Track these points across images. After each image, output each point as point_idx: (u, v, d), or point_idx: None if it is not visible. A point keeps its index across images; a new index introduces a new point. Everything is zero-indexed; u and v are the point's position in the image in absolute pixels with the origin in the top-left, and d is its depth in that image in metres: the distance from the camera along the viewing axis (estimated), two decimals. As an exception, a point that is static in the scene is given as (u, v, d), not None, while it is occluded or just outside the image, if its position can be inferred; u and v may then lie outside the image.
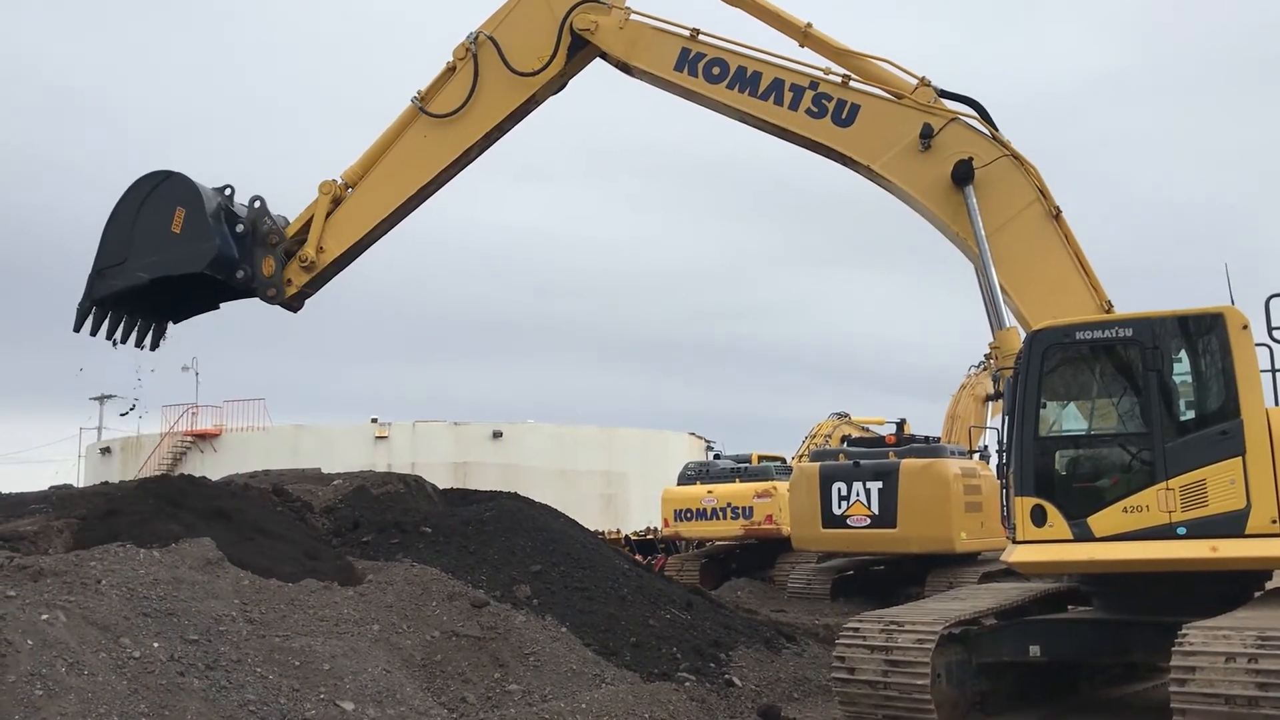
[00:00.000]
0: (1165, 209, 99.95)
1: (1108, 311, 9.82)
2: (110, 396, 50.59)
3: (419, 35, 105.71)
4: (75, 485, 15.37)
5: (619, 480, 40.84)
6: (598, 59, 12.22)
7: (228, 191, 12.38)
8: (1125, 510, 8.65)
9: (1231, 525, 8.33)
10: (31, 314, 77.39)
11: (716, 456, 28.93)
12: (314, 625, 9.24)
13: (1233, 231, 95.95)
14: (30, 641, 7.35)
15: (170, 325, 13.24)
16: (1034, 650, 9.19)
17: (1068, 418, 9.50)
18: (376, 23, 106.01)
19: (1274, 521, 8.23)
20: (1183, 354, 8.99)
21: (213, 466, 34.08)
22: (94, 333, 12.64)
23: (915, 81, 10.81)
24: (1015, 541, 9.05)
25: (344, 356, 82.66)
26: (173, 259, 12.04)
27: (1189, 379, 9.04)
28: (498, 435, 39.63)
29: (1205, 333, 8.79)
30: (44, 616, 7.78)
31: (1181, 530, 8.45)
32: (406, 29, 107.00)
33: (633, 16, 11.90)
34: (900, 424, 20.97)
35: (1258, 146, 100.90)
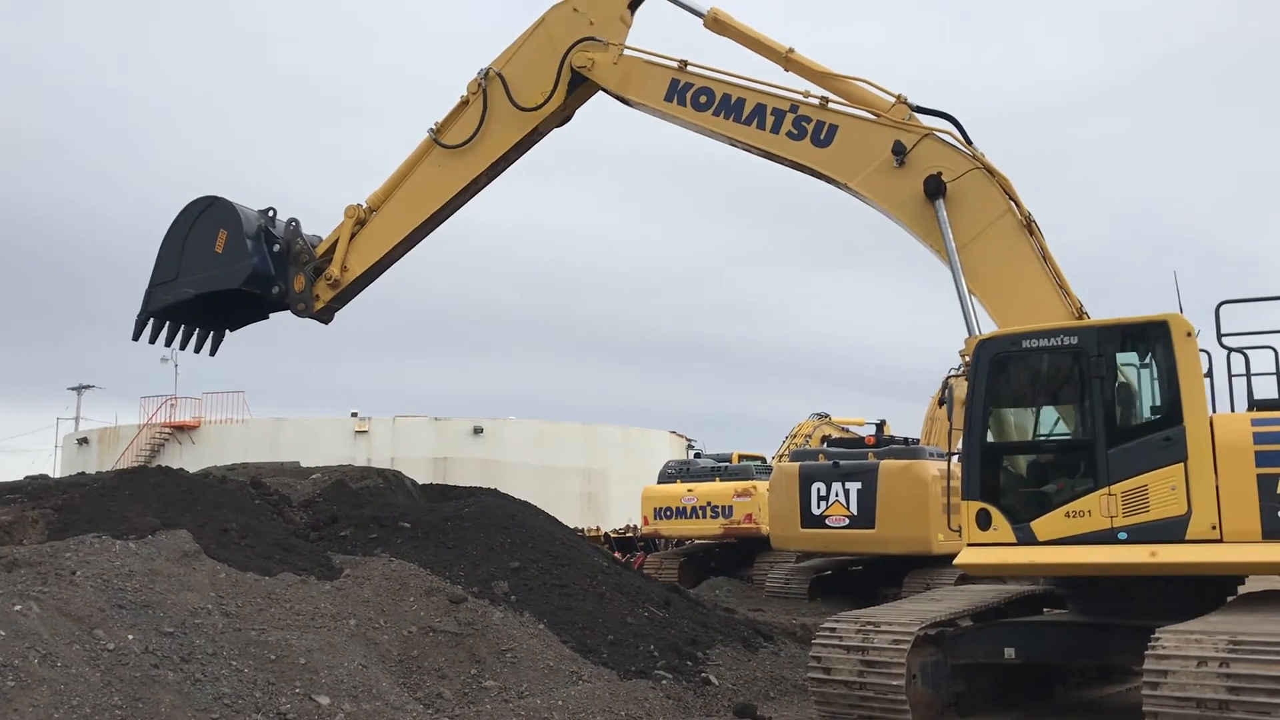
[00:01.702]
0: (1150, 218, 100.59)
1: (1080, 317, 9.92)
2: (88, 386, 50.42)
3: (414, 28, 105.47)
4: (51, 476, 15.27)
5: (599, 477, 40.81)
6: (600, 92, 12.70)
7: (270, 213, 13.46)
8: (1068, 515, 8.76)
9: (1172, 531, 8.40)
10: (8, 304, 76.90)
11: (697, 455, 28.93)
12: (290, 619, 9.22)
13: (1217, 240, 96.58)
14: (2, 632, 7.31)
15: (228, 332, 14.35)
16: (1009, 652, 9.25)
17: (1013, 424, 9.62)
18: (366, 16, 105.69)
19: (1214, 528, 8.30)
20: (1127, 361, 9.10)
21: (191, 458, 33.83)
22: (152, 341, 13.83)
23: (892, 100, 11.04)
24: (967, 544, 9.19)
25: (324, 350, 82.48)
26: (215, 276, 13.21)
27: (1133, 386, 9.16)
28: (478, 431, 39.52)
29: (1150, 340, 8.88)
30: (17, 607, 7.73)
31: (1122, 535, 8.54)
32: (400, 21, 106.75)
33: (626, 52, 12.38)
34: (880, 425, 21.02)
35: (1239, 155, 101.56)
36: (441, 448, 38.91)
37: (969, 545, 9.14)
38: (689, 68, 11.93)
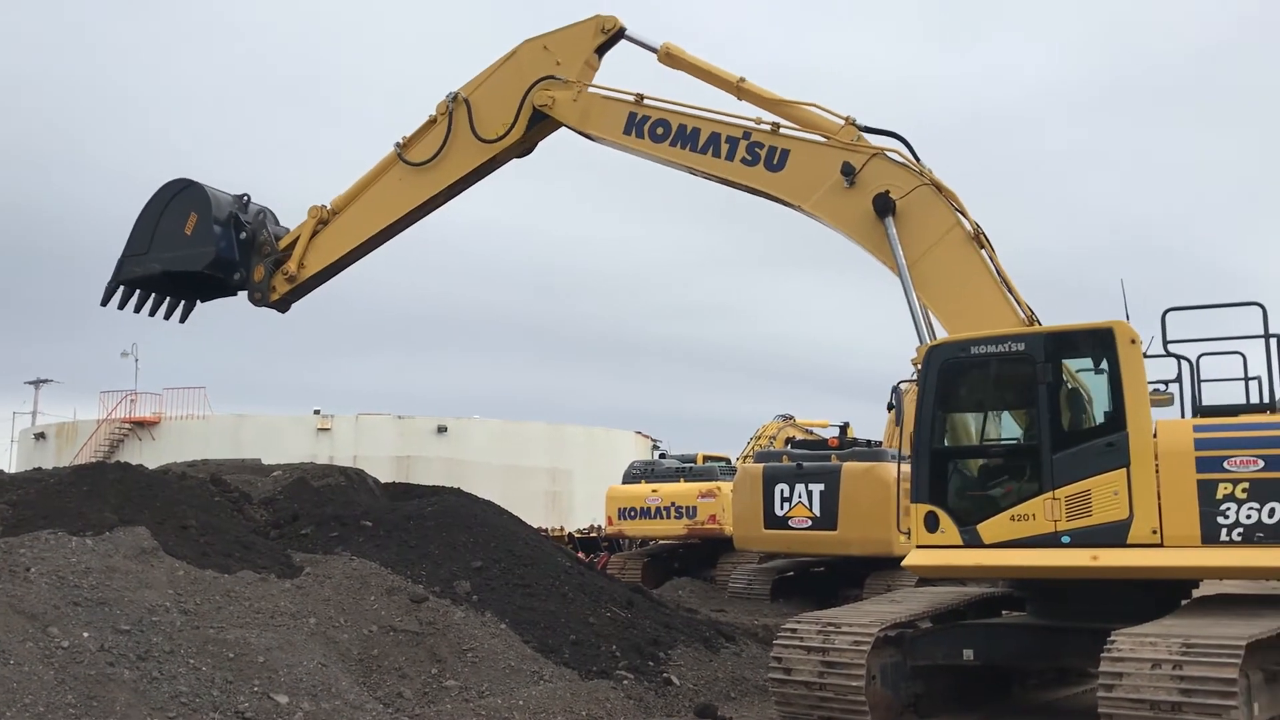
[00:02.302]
0: (1125, 224, 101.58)
1: (1031, 324, 10.11)
2: (46, 381, 49.68)
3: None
4: (7, 471, 15.06)
5: (564, 477, 40.78)
6: (562, 127, 12.96)
7: (244, 199, 14.03)
8: (1013, 518, 8.89)
9: (1114, 535, 8.53)
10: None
11: (662, 456, 28.96)
12: (249, 617, 9.15)
13: (1193, 249, 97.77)
14: (-45, 629, 7.19)
15: (199, 303, 14.76)
16: (968, 654, 9.34)
17: (961, 428, 9.76)
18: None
19: (1154, 532, 8.43)
20: (1073, 367, 9.25)
21: (151, 455, 33.52)
22: (121, 307, 14.36)
23: (841, 122, 11.35)
24: (915, 546, 9.33)
25: (287, 346, 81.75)
26: (181, 257, 13.80)
27: (1078, 392, 9.31)
28: (442, 430, 39.35)
29: (1095, 347, 9.01)
30: (-30, 604, 7.62)
31: (1066, 539, 8.67)
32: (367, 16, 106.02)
33: (586, 89, 12.68)
34: (844, 427, 21.11)
35: (1218, 165, 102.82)
36: (405, 446, 38.74)
37: (917, 547, 9.28)
38: (645, 101, 12.25)
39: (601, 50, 12.89)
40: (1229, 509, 8.27)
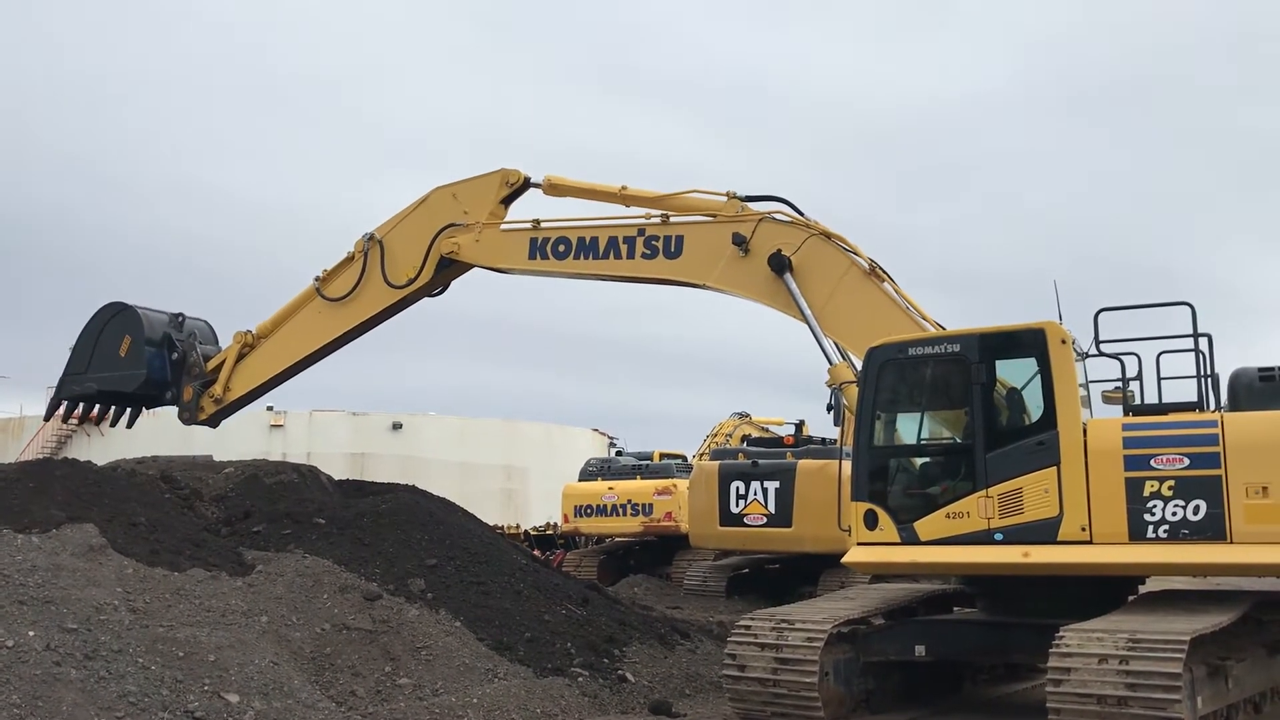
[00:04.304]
0: (1044, 223, 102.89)
1: None
2: (-8, 376, 48.76)
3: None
4: (-50, 467, 14.78)
5: (520, 475, 40.67)
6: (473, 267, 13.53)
7: (179, 318, 14.90)
8: (948, 516, 9.08)
9: (1044, 532, 8.72)
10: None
11: (619, 453, 29.02)
12: (200, 615, 9.05)
13: (1109, 246, 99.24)
14: (-104, 629, 7.05)
15: (144, 410, 15.71)
16: (919, 650, 9.45)
17: (899, 428, 9.93)
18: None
19: (1083, 529, 8.62)
20: (1006, 368, 9.43)
21: (99, 451, 32.94)
22: (65, 420, 16.47)
23: (724, 198, 11.88)
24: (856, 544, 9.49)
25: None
26: (115, 378, 14.73)
27: (1011, 392, 9.50)
28: (397, 426, 39.12)
29: (1027, 347, 9.19)
30: (-89, 603, 7.47)
31: (998, 536, 8.86)
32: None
33: (486, 228, 13.25)
34: (799, 425, 21.26)
35: (1127, 168, 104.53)
36: (359, 443, 38.47)
37: (857, 544, 9.44)
38: (543, 224, 12.87)
39: (507, 201, 13.41)
40: (1155, 506, 8.46)
